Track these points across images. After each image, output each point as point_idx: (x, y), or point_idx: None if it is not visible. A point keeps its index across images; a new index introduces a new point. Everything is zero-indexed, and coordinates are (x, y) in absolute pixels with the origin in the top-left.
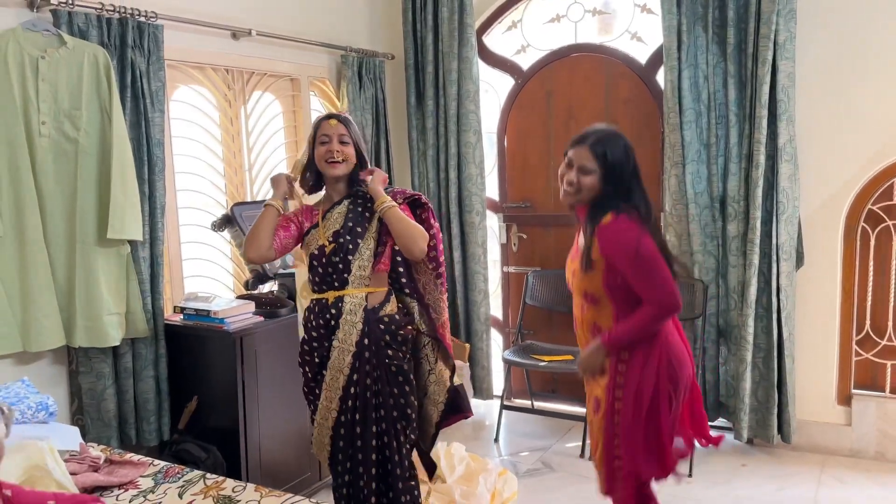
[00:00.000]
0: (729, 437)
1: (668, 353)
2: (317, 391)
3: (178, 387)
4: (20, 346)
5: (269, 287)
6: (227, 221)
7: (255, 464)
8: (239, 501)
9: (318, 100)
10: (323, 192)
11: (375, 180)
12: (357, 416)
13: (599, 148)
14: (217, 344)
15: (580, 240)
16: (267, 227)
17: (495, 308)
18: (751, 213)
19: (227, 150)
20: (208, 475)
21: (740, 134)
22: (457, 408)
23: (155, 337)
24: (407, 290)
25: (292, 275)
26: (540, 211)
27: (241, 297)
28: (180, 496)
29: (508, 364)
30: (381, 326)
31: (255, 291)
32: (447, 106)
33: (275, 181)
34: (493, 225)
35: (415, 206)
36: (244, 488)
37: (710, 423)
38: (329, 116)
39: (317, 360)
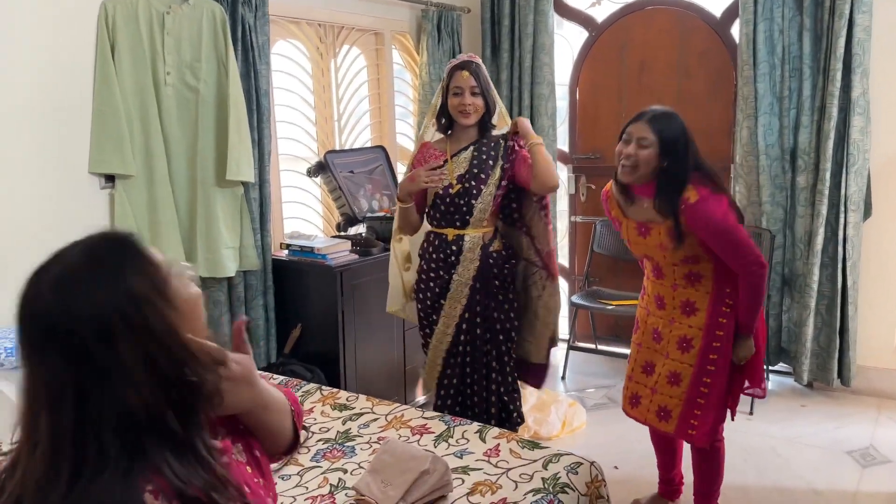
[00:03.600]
0: (789, 380)
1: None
2: (433, 317)
3: (284, 315)
4: None
5: (357, 230)
6: (320, 168)
7: (353, 384)
8: (354, 408)
9: (399, 53)
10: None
11: (525, 123)
12: (469, 338)
13: (656, 123)
14: (319, 277)
15: (644, 215)
16: (415, 218)
17: (561, 256)
18: (821, 165)
19: (318, 101)
20: (324, 387)
21: (813, 87)
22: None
23: (264, 270)
24: (518, 225)
25: (380, 218)
26: (610, 162)
27: (332, 237)
28: (302, 403)
29: (576, 308)
30: (491, 261)
31: (345, 233)
32: (522, 59)
33: (412, 178)
34: (561, 176)
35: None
36: (357, 398)
37: (771, 368)
38: (462, 67)
39: (436, 290)
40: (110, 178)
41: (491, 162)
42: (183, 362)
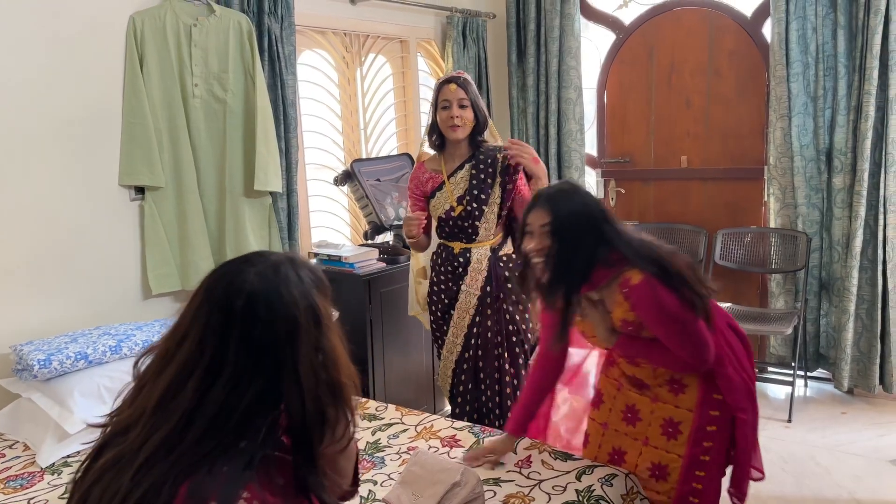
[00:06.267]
0: (828, 386)
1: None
2: (444, 328)
3: None
4: (180, 286)
5: (385, 237)
6: (347, 177)
7: (381, 392)
8: (383, 418)
9: (424, 61)
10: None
11: (535, 166)
12: (479, 352)
13: (551, 203)
14: (347, 286)
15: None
16: (423, 242)
17: None
18: (858, 166)
19: (344, 110)
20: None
21: (849, 85)
22: None
23: None
24: (514, 237)
25: None
26: (639, 166)
27: (360, 245)
28: None
29: None
30: (501, 265)
31: (372, 241)
32: (548, 63)
33: (406, 225)
34: (589, 181)
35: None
36: (386, 408)
37: (809, 374)
38: (449, 80)
39: (445, 300)
40: (140, 190)
41: (489, 180)
42: (337, 388)
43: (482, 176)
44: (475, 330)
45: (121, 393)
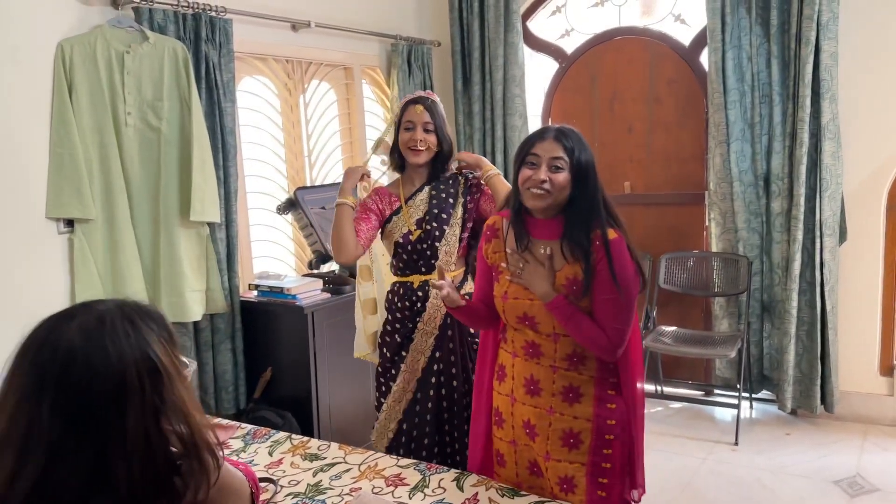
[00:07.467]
0: (773, 408)
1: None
2: (393, 372)
3: (254, 358)
4: None
5: (330, 266)
6: (290, 205)
7: (327, 429)
8: (325, 458)
9: (369, 87)
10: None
11: (472, 157)
12: (429, 399)
13: (567, 141)
14: (290, 318)
15: (542, 261)
16: (348, 228)
17: None
18: (795, 191)
19: (287, 137)
20: (294, 436)
21: (784, 113)
22: None
23: (232, 312)
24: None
25: None
26: None
27: (305, 276)
28: (270, 454)
29: None
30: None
31: (318, 271)
32: (493, 91)
33: (348, 173)
34: None
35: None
36: (328, 446)
37: (754, 396)
38: (416, 101)
39: (398, 339)
40: (69, 223)
41: (451, 200)
42: (188, 445)
43: (444, 195)
44: (432, 378)
45: None
